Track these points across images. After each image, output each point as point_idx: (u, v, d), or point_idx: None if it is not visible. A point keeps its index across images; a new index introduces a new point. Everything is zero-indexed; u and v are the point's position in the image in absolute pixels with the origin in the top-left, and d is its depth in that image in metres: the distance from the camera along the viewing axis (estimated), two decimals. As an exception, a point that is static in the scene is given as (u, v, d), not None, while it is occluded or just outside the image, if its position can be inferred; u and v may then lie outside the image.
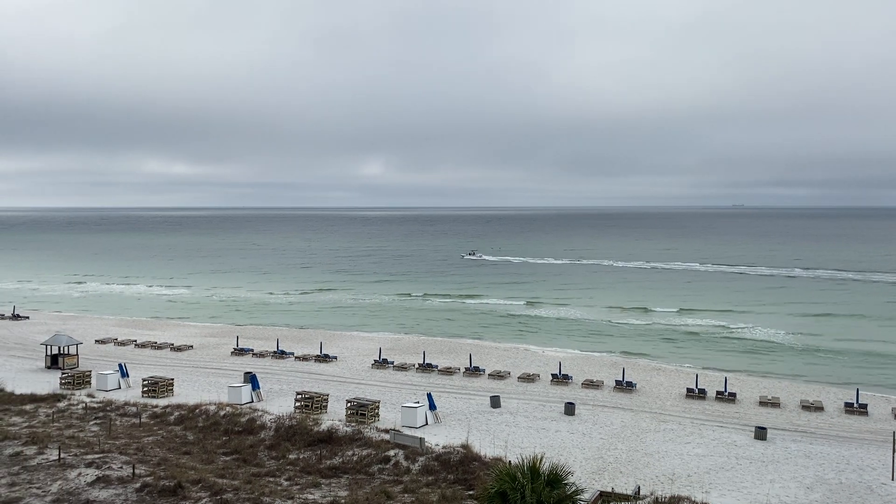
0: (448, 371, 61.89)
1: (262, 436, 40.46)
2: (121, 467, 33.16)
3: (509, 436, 43.11)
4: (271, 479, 33.64)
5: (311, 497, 30.66)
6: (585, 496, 25.73)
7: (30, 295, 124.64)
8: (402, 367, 63.40)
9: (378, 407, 47.06)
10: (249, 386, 51.57)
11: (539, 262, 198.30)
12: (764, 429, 44.18)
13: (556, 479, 20.26)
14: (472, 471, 34.46)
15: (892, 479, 36.67)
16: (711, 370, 65.37)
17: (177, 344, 73.88)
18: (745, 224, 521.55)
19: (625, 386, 56.33)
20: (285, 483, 33.12)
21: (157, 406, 47.01)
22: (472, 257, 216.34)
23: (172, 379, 54.99)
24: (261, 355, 68.83)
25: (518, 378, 59.67)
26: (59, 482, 31.42)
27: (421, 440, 38.02)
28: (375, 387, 56.32)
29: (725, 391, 53.89)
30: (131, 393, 53.14)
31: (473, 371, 61.25)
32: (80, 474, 32.18)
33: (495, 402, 50.41)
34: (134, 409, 46.25)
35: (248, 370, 59.49)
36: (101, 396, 50.74)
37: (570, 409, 48.93)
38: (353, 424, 42.25)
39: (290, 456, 37.40)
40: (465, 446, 37.83)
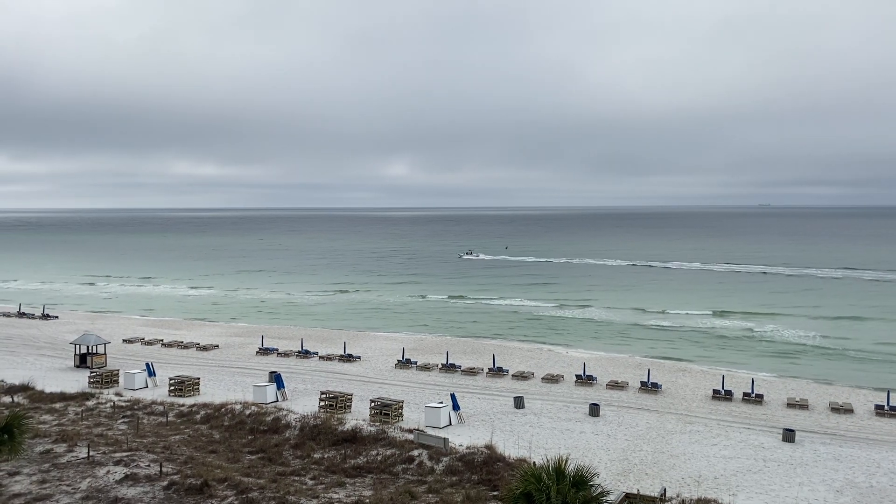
0: (471, 371, 61.83)
1: (287, 435, 40.71)
2: (148, 465, 33.53)
3: (533, 437, 42.95)
4: (296, 478, 33.81)
5: (335, 496, 30.77)
6: (611, 498, 25.54)
7: (58, 295, 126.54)
8: (426, 368, 63.44)
9: (402, 407, 47.12)
10: (274, 385, 51.90)
11: (564, 262, 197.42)
12: (792, 431, 43.58)
13: (581, 481, 20.09)
14: (497, 471, 34.38)
15: (925, 483, 36.01)
16: (738, 371, 64.64)
17: (202, 343, 74.58)
18: (773, 224, 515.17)
19: (650, 387, 55.88)
20: (310, 482, 33.28)
21: (183, 405, 47.49)
22: (469, 256, 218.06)
23: (198, 378, 55.49)
24: (285, 355, 69.25)
25: (542, 379, 59.45)
26: (88, 480, 31.84)
27: (445, 440, 38.01)
28: (399, 387, 56.40)
29: (752, 393, 53.25)
30: (158, 392, 53.73)
31: (497, 371, 61.12)
32: (108, 472, 32.59)
33: (519, 402, 50.25)
34: (161, 407, 46.77)
35: (273, 370, 59.89)
36: (128, 395, 51.39)
37: (594, 410, 48.63)
38: (377, 424, 42.35)
39: (315, 455, 37.58)
40: (489, 447, 37.76)
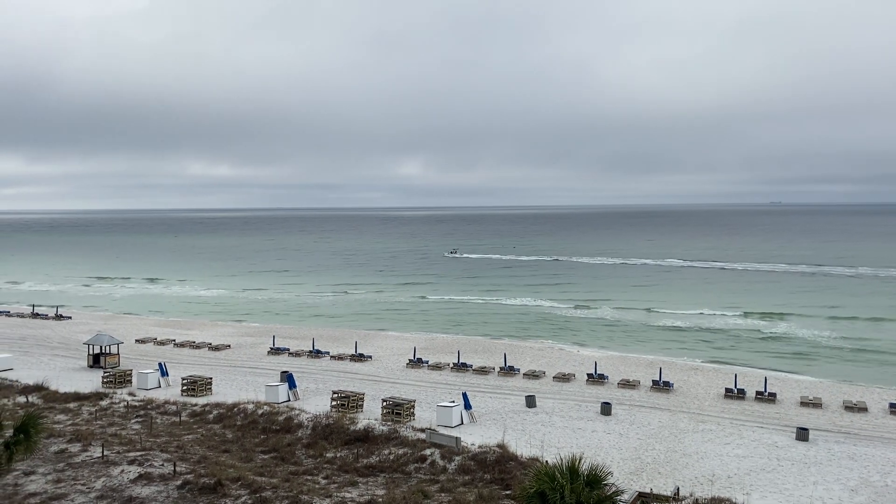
0: (483, 370, 61.80)
1: (300, 434, 40.82)
2: (162, 465, 33.70)
3: (545, 435, 42.89)
4: (309, 477, 33.90)
5: (348, 495, 30.82)
6: (624, 497, 25.49)
7: (71, 295, 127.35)
8: (437, 367, 63.47)
9: (413, 406, 47.16)
10: (286, 385, 52.05)
11: (575, 261, 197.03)
12: (806, 430, 43.32)
13: (595, 480, 20.02)
14: (509, 470, 34.36)
15: (941, 482, 35.73)
16: (750, 370, 64.31)
17: (215, 343, 74.88)
18: (785, 221, 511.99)
19: (662, 386, 55.68)
20: (323, 481, 33.35)
21: (196, 404, 47.70)
22: (452, 255, 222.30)
23: (211, 378, 55.72)
24: (297, 354, 69.44)
25: (553, 378, 59.35)
26: (102, 479, 32.03)
27: (457, 439, 38.01)
28: (410, 386, 56.45)
29: (765, 391, 52.97)
30: (171, 391, 53.98)
31: (508, 370, 61.07)
32: (122, 471, 32.77)
33: (531, 401, 50.19)
34: (174, 407, 46.99)
35: (285, 369, 60.07)
36: (141, 395, 51.67)
37: (606, 409, 48.52)
38: (388, 423, 42.40)
39: (328, 454, 37.66)
40: (502, 446, 37.74)
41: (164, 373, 57.17)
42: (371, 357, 67.86)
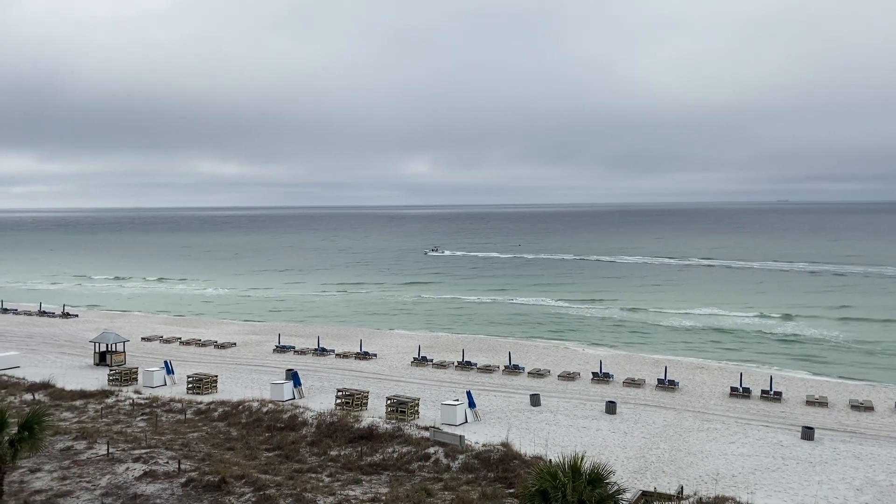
0: (487, 369, 61.80)
1: (304, 432, 40.92)
2: (167, 462, 33.83)
3: (550, 434, 42.87)
4: (313, 475, 33.98)
5: (352, 493, 30.89)
6: (627, 496, 25.46)
7: (78, 293, 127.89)
8: (442, 365, 63.48)
9: (418, 404, 47.18)
10: (291, 383, 52.15)
11: (581, 259, 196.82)
12: (811, 429, 43.17)
13: (597, 478, 20.02)
14: (513, 469, 34.37)
15: (947, 482, 35.57)
16: (756, 369, 64.16)
17: (220, 341, 75.08)
18: (792, 220, 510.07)
19: (667, 384, 55.59)
20: (327, 479, 33.42)
21: (201, 402, 47.86)
22: (434, 253, 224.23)
23: (216, 376, 55.87)
24: (302, 353, 69.57)
25: (558, 376, 59.30)
26: (107, 476, 32.18)
27: (461, 438, 38.04)
28: (415, 384, 56.49)
29: (771, 390, 52.80)
30: (176, 389, 54.15)
31: (513, 369, 61.05)
32: (127, 469, 32.91)
33: (535, 400, 50.17)
34: (179, 405, 47.15)
35: (290, 367, 60.18)
36: (147, 393, 51.83)
37: (611, 407, 48.45)
38: (393, 422, 42.45)
39: (332, 452, 37.74)
40: (506, 444, 37.76)
41: (169, 371, 57.35)
42: (376, 355, 67.94)
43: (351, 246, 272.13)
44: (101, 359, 64.16)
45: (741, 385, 54.02)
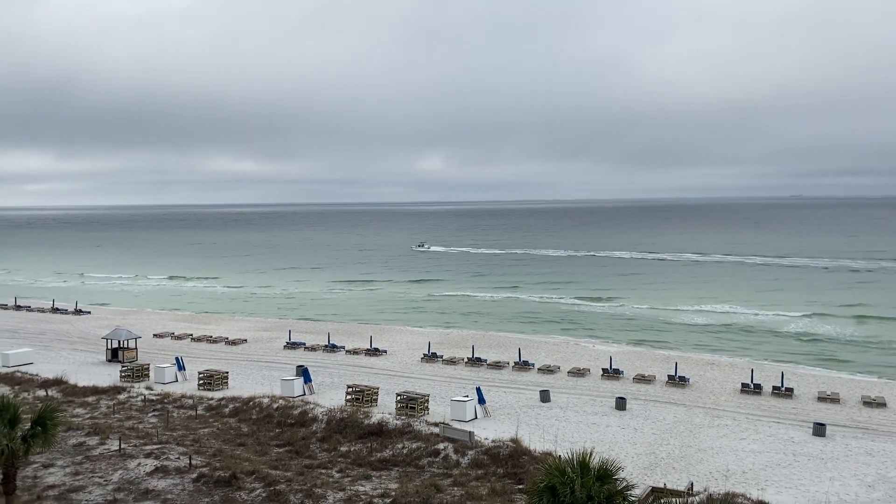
0: (497, 365, 61.81)
1: (314, 428, 41.08)
2: (178, 458, 34.06)
3: (559, 430, 42.84)
4: (323, 470, 34.13)
5: (362, 489, 31.00)
6: (637, 492, 25.41)
7: (91, 290, 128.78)
8: (451, 361, 63.54)
9: (427, 400, 47.24)
10: (301, 379, 52.35)
11: (591, 256, 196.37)
12: (823, 425, 42.94)
13: (606, 474, 19.99)
14: (522, 465, 34.41)
15: (960, 479, 35.30)
16: (767, 365, 63.86)
17: (231, 338, 75.42)
18: (806, 215, 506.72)
19: (677, 380, 55.43)
20: (337, 475, 33.56)
21: (212, 398, 48.12)
22: (420, 249, 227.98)
23: (227, 372, 56.15)
24: (312, 349, 69.79)
25: (568, 373, 59.24)
26: (119, 472, 32.44)
27: (470, 434, 38.09)
28: (425, 380, 56.58)
29: (782, 386, 52.54)
30: (188, 386, 54.45)
31: (523, 365, 61.03)
32: (139, 464, 33.18)
33: (545, 396, 50.14)
34: (190, 401, 47.43)
35: (301, 363, 60.37)
36: (158, 389, 52.18)
37: (621, 403, 48.37)
38: (402, 418, 42.56)
39: (342, 448, 37.89)
40: (515, 440, 37.79)
41: (181, 367, 57.67)
42: (386, 351, 68.07)
43: (363, 243, 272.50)
44: (114, 355, 64.61)
45: (752, 381, 53.78)
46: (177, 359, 59.28)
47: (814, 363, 66.19)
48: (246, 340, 74.83)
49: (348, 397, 48.67)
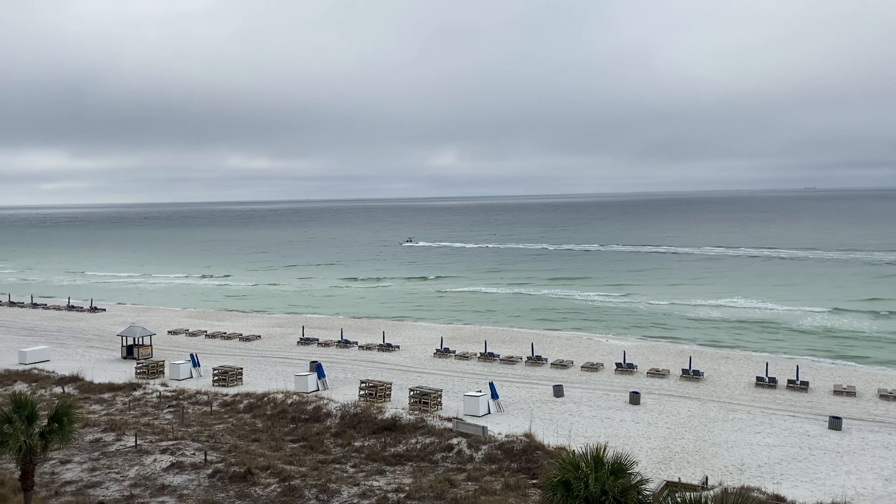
0: (510, 360, 61.78)
1: (328, 423, 41.24)
2: (193, 454, 34.28)
3: (573, 425, 42.78)
4: (337, 465, 34.27)
5: (376, 484, 31.09)
6: (651, 486, 25.32)
7: (106, 287, 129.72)
8: (464, 357, 63.57)
9: (440, 395, 47.31)
10: (315, 375, 52.54)
11: (604, 250, 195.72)
12: (839, 419, 42.65)
13: (620, 469, 19.93)
14: (536, 459, 34.40)
15: (979, 472, 34.97)
16: (782, 358, 63.44)
17: (245, 334, 75.79)
18: (821, 207, 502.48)
19: (691, 375, 55.20)
20: (351, 470, 33.69)
21: (227, 394, 48.41)
22: (408, 244, 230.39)
23: (241, 368, 56.45)
24: (325, 345, 70.02)
25: (581, 367, 59.13)
26: (136, 467, 32.69)
27: (484, 429, 38.11)
28: (437, 376, 56.63)
29: (797, 380, 52.23)
30: (202, 382, 54.79)
31: (535, 360, 60.97)
32: (155, 460, 33.42)
33: (558, 391, 50.08)
34: (205, 397, 47.74)
35: (314, 359, 60.59)
36: (173, 385, 52.54)
37: (634, 398, 48.24)
38: (416, 413, 42.64)
39: (356, 443, 38.02)
40: (528, 435, 37.79)
41: (195, 363, 58.02)
42: (398, 347, 68.19)
43: (373, 239, 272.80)
44: (129, 352, 65.09)
45: (767, 375, 53.49)
46: (191, 355, 59.64)
47: (829, 357, 65.69)
48: (260, 337, 75.18)
49: (361, 392, 48.81)
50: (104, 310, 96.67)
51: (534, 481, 31.59)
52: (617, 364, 58.54)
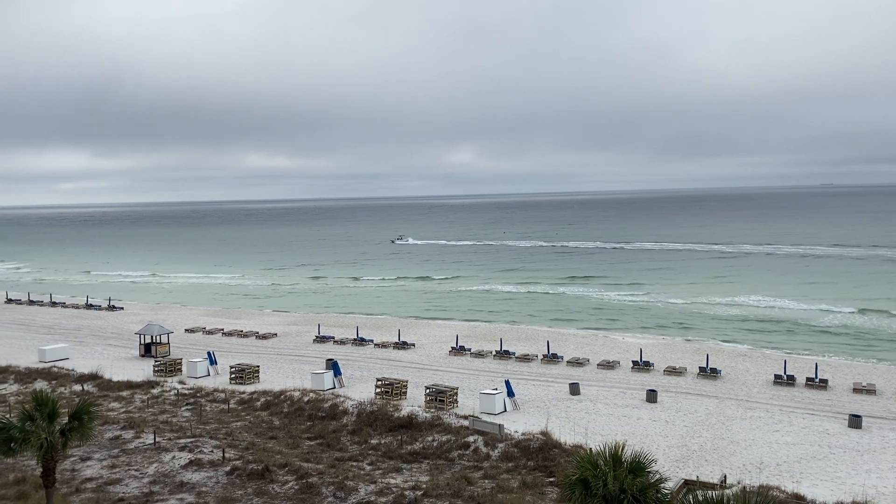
0: (526, 358, 61.66)
1: (345, 421, 41.36)
2: (211, 451, 34.49)
3: (589, 423, 42.64)
4: (354, 463, 34.36)
5: (393, 481, 31.14)
6: (669, 484, 25.20)
7: (123, 286, 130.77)
8: (480, 354, 63.52)
9: (456, 393, 47.32)
10: (331, 372, 52.69)
11: (621, 247, 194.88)
12: (858, 417, 42.23)
13: (638, 467, 19.86)
14: (553, 458, 34.32)
15: None
16: (801, 356, 62.89)
17: (262, 332, 76.14)
18: (840, 203, 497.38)
19: (709, 372, 54.84)
20: (368, 467, 33.77)
21: (244, 392, 48.66)
22: (399, 242, 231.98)
23: (258, 366, 56.70)
24: (342, 343, 70.21)
25: (597, 365, 58.91)
26: (154, 465, 32.94)
27: (500, 426, 38.08)
28: (453, 373, 56.64)
29: (816, 377, 51.74)
30: (220, 380, 55.09)
31: (551, 358, 60.81)
32: (174, 457, 33.65)
33: (574, 389, 49.94)
34: (223, 395, 48.01)
35: (330, 357, 60.79)
36: (191, 383, 52.88)
37: (651, 396, 48.00)
38: (432, 410, 42.69)
39: (372, 441, 38.11)
40: (545, 433, 37.70)
41: (212, 361, 58.36)
42: (414, 345, 68.26)
43: (388, 238, 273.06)
44: (147, 350, 65.58)
45: (785, 372, 53.07)
46: (208, 353, 60.01)
47: (848, 354, 65.04)
48: (276, 335, 75.51)
49: (378, 390, 48.91)
50: (122, 308, 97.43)
51: (551, 479, 31.53)
52: (633, 362, 58.29)
